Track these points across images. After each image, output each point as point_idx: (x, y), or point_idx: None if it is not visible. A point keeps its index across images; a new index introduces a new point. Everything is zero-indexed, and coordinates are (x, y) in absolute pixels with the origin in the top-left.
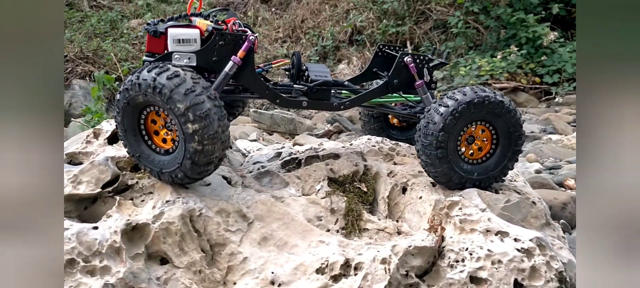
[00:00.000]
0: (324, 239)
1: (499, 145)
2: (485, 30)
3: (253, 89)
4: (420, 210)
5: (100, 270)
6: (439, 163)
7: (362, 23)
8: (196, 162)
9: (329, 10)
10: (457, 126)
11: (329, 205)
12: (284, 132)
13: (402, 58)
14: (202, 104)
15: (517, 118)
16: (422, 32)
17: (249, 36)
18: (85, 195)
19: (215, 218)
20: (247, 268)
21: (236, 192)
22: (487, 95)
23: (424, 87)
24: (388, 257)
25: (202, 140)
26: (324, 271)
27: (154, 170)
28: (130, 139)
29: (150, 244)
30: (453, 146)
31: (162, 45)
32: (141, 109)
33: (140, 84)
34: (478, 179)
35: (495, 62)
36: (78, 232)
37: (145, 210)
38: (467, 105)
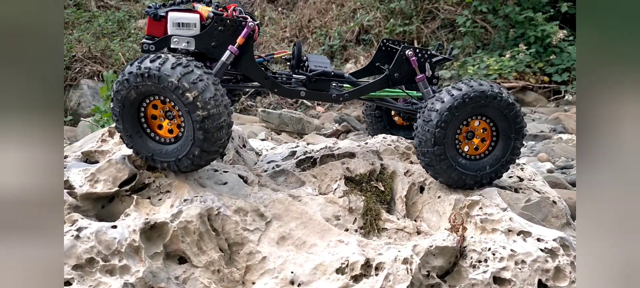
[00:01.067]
0: (342, 239)
1: (499, 140)
2: (494, 29)
3: (251, 76)
4: (439, 209)
5: (120, 270)
6: (436, 160)
7: (369, 22)
8: (205, 149)
9: (335, 10)
10: (455, 121)
11: (347, 204)
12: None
13: (404, 51)
14: (208, 91)
15: (516, 111)
16: (430, 31)
17: (249, 22)
18: (102, 194)
19: (233, 217)
20: (266, 268)
21: (253, 191)
22: (484, 89)
23: (425, 81)
24: (409, 257)
25: (211, 127)
26: (344, 271)
27: (164, 161)
28: (135, 138)
29: (169, 243)
30: (451, 142)
31: (162, 28)
32: (140, 101)
33: (143, 74)
34: (478, 175)
35: (503, 61)
36: (97, 231)
37: (163, 208)
38: (463, 100)
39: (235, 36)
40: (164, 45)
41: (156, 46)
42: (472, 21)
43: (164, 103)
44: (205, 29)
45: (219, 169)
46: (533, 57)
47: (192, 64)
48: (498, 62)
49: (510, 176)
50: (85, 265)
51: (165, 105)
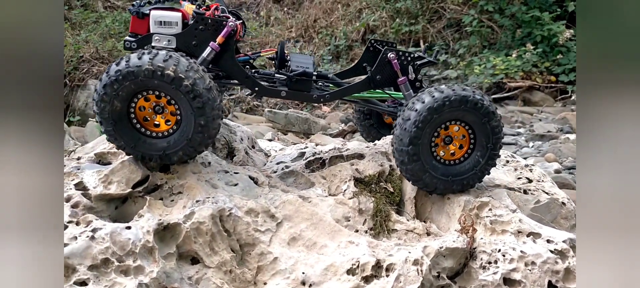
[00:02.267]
0: (353, 240)
1: (476, 147)
2: (500, 28)
3: (232, 75)
4: (448, 211)
5: (134, 270)
6: (409, 161)
7: (375, 22)
8: (206, 134)
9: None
10: (431, 125)
11: (357, 205)
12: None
13: (386, 54)
14: (203, 79)
15: (496, 120)
16: (436, 31)
17: (229, 22)
18: (116, 195)
19: (244, 218)
20: (278, 269)
21: (263, 192)
22: (465, 94)
23: (407, 84)
24: (420, 258)
25: (211, 112)
26: (355, 272)
27: (154, 155)
28: (126, 136)
29: (182, 244)
30: (426, 146)
31: (146, 26)
32: (128, 106)
33: (134, 71)
34: (451, 181)
35: (510, 61)
36: (111, 231)
37: (176, 210)
38: (443, 104)
39: (216, 35)
40: (146, 43)
41: (138, 44)
42: (479, 21)
43: (158, 98)
44: (186, 28)
45: (230, 170)
46: (540, 57)
47: (180, 55)
48: (505, 62)
49: (519, 177)
50: (100, 266)
51: (159, 100)
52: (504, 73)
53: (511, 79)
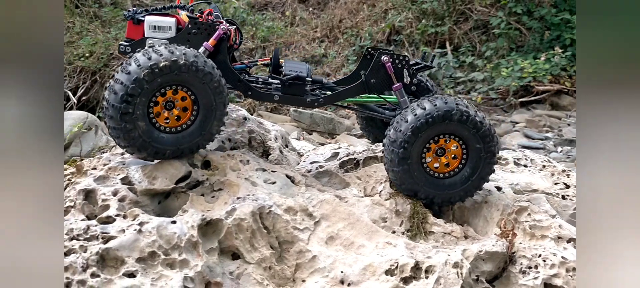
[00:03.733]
0: (390, 241)
1: (468, 162)
2: (528, 31)
3: (225, 78)
4: (486, 214)
5: (180, 263)
6: (398, 168)
7: (400, 23)
8: (222, 122)
9: (367, 10)
10: (422, 137)
11: (394, 206)
12: (323, 131)
13: (380, 57)
14: (217, 70)
15: (490, 138)
16: (462, 32)
17: (221, 25)
18: (160, 190)
19: (283, 216)
20: (316, 267)
21: (300, 191)
22: (458, 109)
23: (402, 90)
24: (460, 261)
25: (226, 102)
26: (393, 273)
27: (168, 150)
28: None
29: (223, 239)
30: (416, 156)
31: (141, 32)
32: (153, 95)
33: (170, 65)
34: (436, 194)
35: (538, 64)
36: (158, 225)
37: (217, 206)
38: (425, 122)
39: (209, 39)
40: (140, 48)
41: (132, 48)
42: (507, 23)
43: (175, 93)
44: (180, 32)
45: (267, 169)
46: (569, 60)
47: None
48: (532, 65)
49: (556, 182)
50: (147, 258)
51: (176, 95)
52: (532, 76)
53: (539, 83)
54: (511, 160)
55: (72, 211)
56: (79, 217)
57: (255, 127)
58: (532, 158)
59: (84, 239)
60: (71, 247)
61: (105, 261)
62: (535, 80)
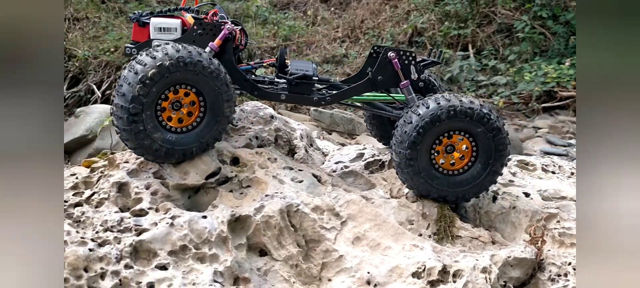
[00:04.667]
0: (417, 243)
1: (479, 158)
2: (553, 35)
3: (231, 78)
4: (514, 220)
5: (210, 258)
6: (406, 165)
7: (423, 25)
8: (227, 126)
9: (389, 11)
10: (432, 132)
11: (421, 209)
12: (342, 131)
13: (386, 53)
14: (226, 73)
15: (501, 135)
16: (485, 35)
17: (226, 25)
18: (191, 185)
19: (311, 214)
20: (343, 266)
21: (326, 191)
22: (468, 106)
23: (409, 87)
24: (488, 266)
25: (234, 105)
26: (420, 275)
27: (179, 150)
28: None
29: (251, 236)
30: (425, 152)
31: (147, 34)
32: (160, 94)
33: (178, 62)
34: (449, 192)
35: (562, 69)
36: (189, 220)
37: (246, 202)
38: (440, 115)
39: (214, 39)
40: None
41: (138, 51)
42: (531, 27)
43: (191, 93)
44: (185, 33)
45: (294, 167)
46: None
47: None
48: (557, 70)
49: None
50: (179, 252)
51: (187, 94)
52: (556, 81)
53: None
54: (539, 166)
55: (106, 203)
56: (113, 209)
57: (282, 126)
58: (560, 165)
59: (118, 231)
60: (105, 238)
61: (139, 253)
62: (559, 86)
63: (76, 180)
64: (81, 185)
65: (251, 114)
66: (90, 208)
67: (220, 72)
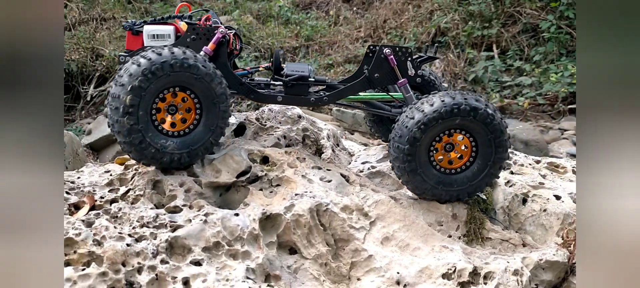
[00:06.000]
0: (446, 244)
1: (477, 158)
2: None
3: (226, 82)
4: (545, 223)
5: (242, 255)
6: (406, 171)
7: (446, 24)
8: (223, 133)
9: (412, 11)
10: (429, 134)
11: (450, 210)
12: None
13: (382, 50)
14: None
15: (503, 137)
16: (510, 35)
17: (220, 29)
18: (223, 183)
19: (340, 214)
20: (372, 266)
21: (355, 190)
22: (467, 103)
23: (407, 85)
24: (520, 268)
25: (229, 113)
26: (450, 277)
27: (174, 154)
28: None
29: (282, 234)
30: (424, 154)
31: (141, 42)
32: (156, 96)
33: (172, 63)
34: (444, 191)
35: None
36: (222, 217)
37: (276, 201)
38: (442, 113)
39: (208, 44)
40: None
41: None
42: (557, 27)
43: (188, 95)
44: (179, 39)
45: (323, 167)
46: None
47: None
48: None
49: None
50: (212, 248)
51: (177, 98)
52: None
53: None
54: (570, 169)
55: (141, 199)
56: (148, 206)
57: (309, 126)
58: None
59: (154, 227)
60: (142, 233)
61: (174, 249)
62: None
63: (111, 177)
64: (116, 182)
65: (279, 114)
66: (126, 205)
67: (215, 75)
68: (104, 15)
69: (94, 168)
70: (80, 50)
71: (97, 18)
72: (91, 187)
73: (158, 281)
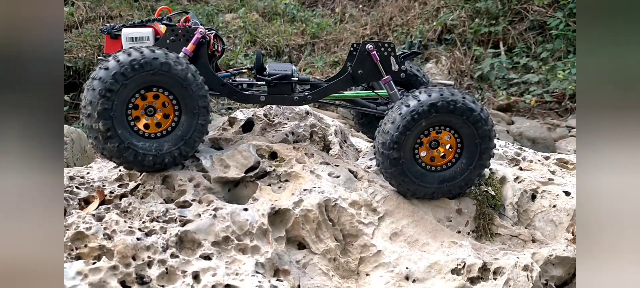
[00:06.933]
0: (455, 240)
1: (462, 155)
2: None
3: (207, 83)
4: (554, 219)
5: (251, 249)
6: (390, 165)
7: (453, 22)
8: (205, 133)
9: (418, 8)
10: (415, 130)
11: (458, 206)
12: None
13: (364, 46)
14: (200, 77)
15: (487, 128)
16: (517, 32)
17: (199, 29)
18: (231, 179)
19: (348, 209)
20: (381, 261)
21: (363, 186)
22: (454, 99)
23: (391, 83)
24: (530, 264)
25: (209, 111)
26: (460, 272)
27: (148, 155)
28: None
29: (290, 229)
30: (409, 151)
31: (119, 46)
32: (129, 98)
33: (142, 63)
34: (432, 188)
35: None
36: (231, 212)
37: (285, 196)
38: (429, 108)
39: (187, 45)
40: None
41: None
42: (565, 24)
43: (164, 95)
44: (157, 41)
45: (331, 163)
46: None
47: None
48: None
49: None
50: (221, 243)
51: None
52: None
53: None
54: None
55: (151, 194)
56: (158, 200)
57: (317, 122)
58: None
59: (164, 221)
60: (152, 228)
61: (183, 243)
62: None
63: (120, 173)
64: (125, 177)
65: (287, 110)
66: (136, 200)
67: (196, 77)
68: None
69: (103, 164)
70: (87, 48)
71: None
72: (101, 182)
73: (168, 275)
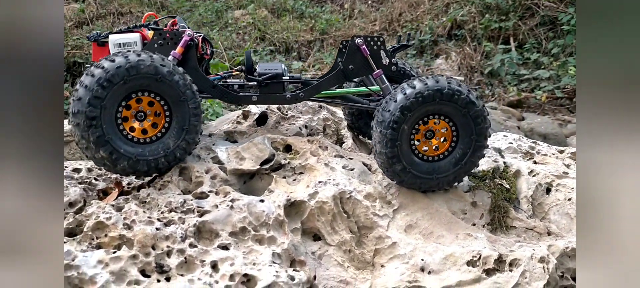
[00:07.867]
0: (471, 232)
1: (458, 145)
2: None
3: (198, 86)
4: (570, 212)
5: (268, 240)
6: (387, 157)
7: (463, 17)
8: (198, 133)
9: (427, 3)
10: (407, 124)
11: (474, 199)
12: None
13: (354, 40)
14: (190, 80)
15: (482, 118)
16: (528, 28)
17: (187, 32)
18: (247, 171)
19: (363, 202)
20: (396, 253)
21: (377, 179)
22: (450, 87)
23: (382, 77)
24: (546, 256)
25: (200, 112)
26: (475, 264)
27: (151, 160)
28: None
29: (306, 220)
30: (406, 140)
31: (107, 53)
32: (120, 102)
33: (128, 68)
34: (434, 179)
35: None
36: (248, 203)
37: (300, 188)
38: (424, 97)
39: (175, 48)
40: None
41: None
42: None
43: (153, 98)
44: (145, 46)
45: (345, 155)
46: None
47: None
48: None
49: None
50: (239, 233)
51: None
52: None
53: None
54: None
55: (169, 185)
56: (176, 192)
57: (330, 116)
58: None
59: (182, 212)
60: (170, 218)
61: (201, 233)
62: None
63: None
64: None
65: (300, 104)
66: (154, 191)
67: (177, 71)
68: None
69: None
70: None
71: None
72: (118, 174)
73: (187, 264)
